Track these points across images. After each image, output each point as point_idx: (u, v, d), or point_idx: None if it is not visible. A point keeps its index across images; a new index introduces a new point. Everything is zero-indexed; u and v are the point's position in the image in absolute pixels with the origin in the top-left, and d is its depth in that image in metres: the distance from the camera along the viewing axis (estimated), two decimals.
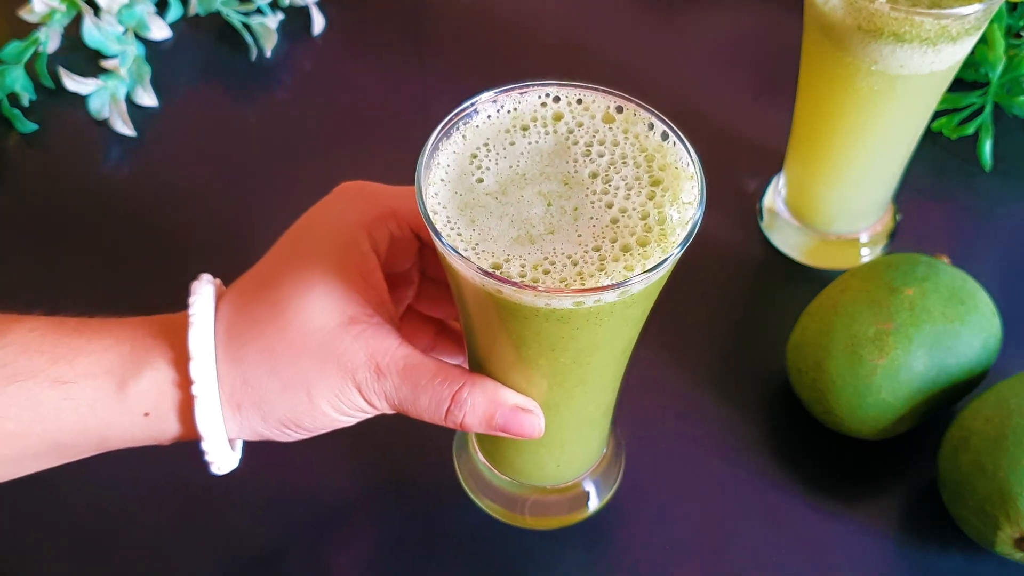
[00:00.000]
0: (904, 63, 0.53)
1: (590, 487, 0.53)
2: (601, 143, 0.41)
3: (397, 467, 0.55)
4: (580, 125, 0.42)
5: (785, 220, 0.67)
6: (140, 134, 0.73)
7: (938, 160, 0.72)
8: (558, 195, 0.40)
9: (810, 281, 0.65)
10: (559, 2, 0.83)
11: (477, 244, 0.38)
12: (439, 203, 0.39)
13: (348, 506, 0.54)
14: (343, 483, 0.55)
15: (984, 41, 0.69)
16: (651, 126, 0.42)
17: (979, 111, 0.72)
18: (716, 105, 0.75)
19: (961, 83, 0.72)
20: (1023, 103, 0.70)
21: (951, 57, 0.54)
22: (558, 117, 0.42)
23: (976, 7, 0.51)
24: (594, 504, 0.54)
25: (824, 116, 0.60)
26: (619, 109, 0.42)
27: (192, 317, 0.42)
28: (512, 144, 0.41)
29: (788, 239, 0.67)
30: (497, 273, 0.37)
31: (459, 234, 0.39)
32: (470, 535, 0.54)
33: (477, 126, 0.41)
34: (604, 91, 0.42)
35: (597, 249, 0.38)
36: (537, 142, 0.41)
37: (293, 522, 0.54)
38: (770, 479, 0.57)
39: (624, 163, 0.41)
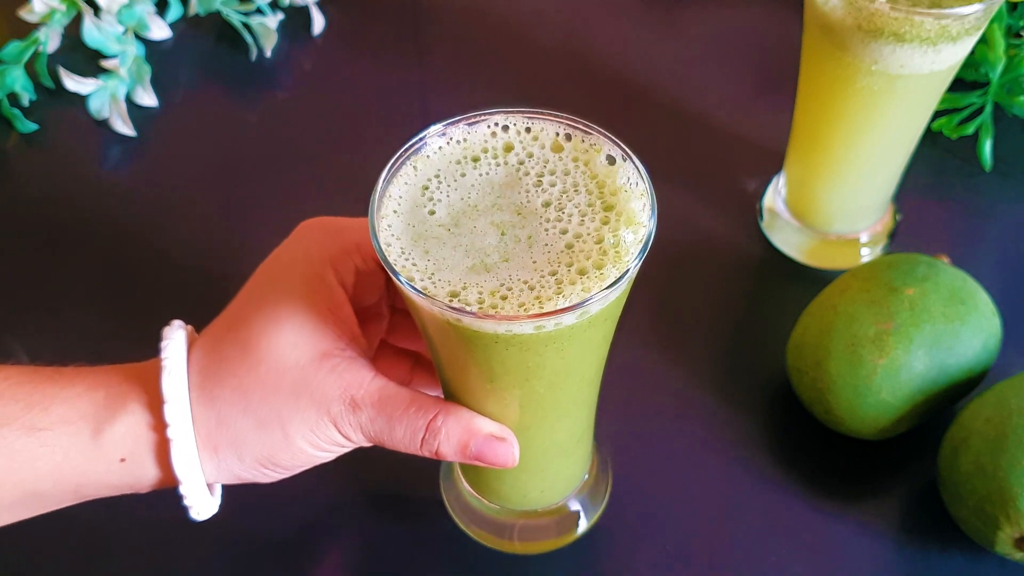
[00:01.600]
0: (904, 63, 0.53)
1: (577, 507, 0.53)
2: (552, 173, 0.41)
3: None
4: (530, 156, 0.42)
5: (785, 220, 0.67)
6: (140, 134, 0.73)
7: (938, 160, 0.72)
8: (511, 224, 0.40)
9: (810, 281, 0.65)
10: (559, 2, 0.83)
11: (433, 274, 0.38)
12: (392, 235, 0.39)
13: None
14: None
15: (984, 41, 0.69)
16: (599, 150, 0.42)
17: (979, 111, 0.72)
18: (716, 105, 0.75)
19: (961, 83, 0.72)
20: (1023, 103, 0.70)
21: (951, 57, 0.54)
22: (508, 148, 0.42)
23: (976, 7, 0.51)
24: (583, 525, 0.53)
25: (824, 116, 0.60)
26: (568, 137, 0.42)
27: (164, 361, 0.42)
28: (463, 176, 0.41)
29: (788, 239, 0.67)
30: (454, 302, 0.37)
31: (414, 264, 0.38)
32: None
33: (428, 156, 0.41)
34: (552, 117, 0.42)
35: (553, 274, 0.38)
36: (488, 174, 0.41)
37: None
38: (770, 479, 0.57)
39: (576, 191, 0.41)
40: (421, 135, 0.41)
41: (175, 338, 0.43)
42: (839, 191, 0.64)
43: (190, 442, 0.42)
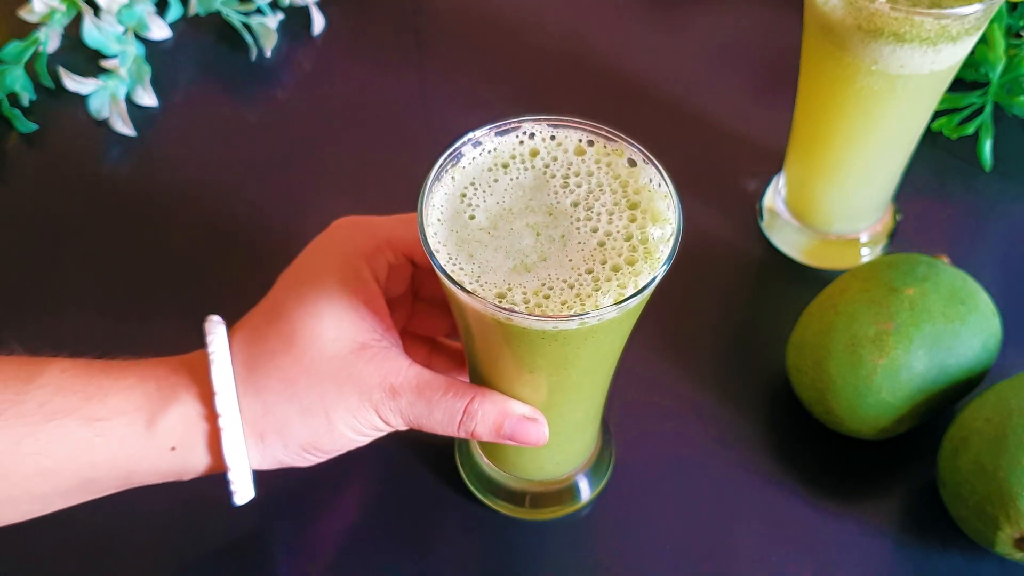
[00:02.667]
0: (904, 63, 0.53)
1: (582, 479, 0.55)
2: (577, 174, 0.44)
3: (401, 468, 0.55)
4: (555, 159, 0.45)
5: (785, 220, 0.67)
6: (140, 134, 0.73)
7: (938, 160, 0.72)
8: (545, 225, 0.43)
9: (810, 281, 0.65)
10: (559, 2, 0.83)
11: (479, 276, 0.41)
12: (439, 241, 0.42)
13: (353, 506, 0.55)
14: (347, 485, 0.55)
15: (984, 41, 0.69)
16: (620, 154, 0.44)
17: (979, 111, 0.72)
18: (716, 105, 0.75)
19: (961, 83, 0.72)
20: (1023, 103, 0.70)
21: (951, 57, 0.54)
22: (534, 153, 0.45)
23: (976, 7, 0.51)
24: (587, 494, 0.56)
25: (824, 116, 0.60)
26: (590, 142, 0.45)
27: (212, 355, 0.45)
28: (496, 181, 0.44)
29: (788, 239, 0.67)
30: (505, 304, 0.40)
31: (461, 268, 0.41)
32: (475, 528, 0.55)
33: (464, 167, 0.44)
34: (575, 124, 0.45)
35: (590, 271, 0.41)
36: (518, 178, 0.44)
37: (302, 518, 0.54)
38: (770, 479, 0.57)
39: (602, 191, 0.44)
40: (455, 147, 0.44)
41: (218, 332, 0.46)
42: (839, 191, 0.64)
43: (239, 430, 0.44)
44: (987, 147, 0.70)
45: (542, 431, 0.47)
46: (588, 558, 0.55)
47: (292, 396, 0.45)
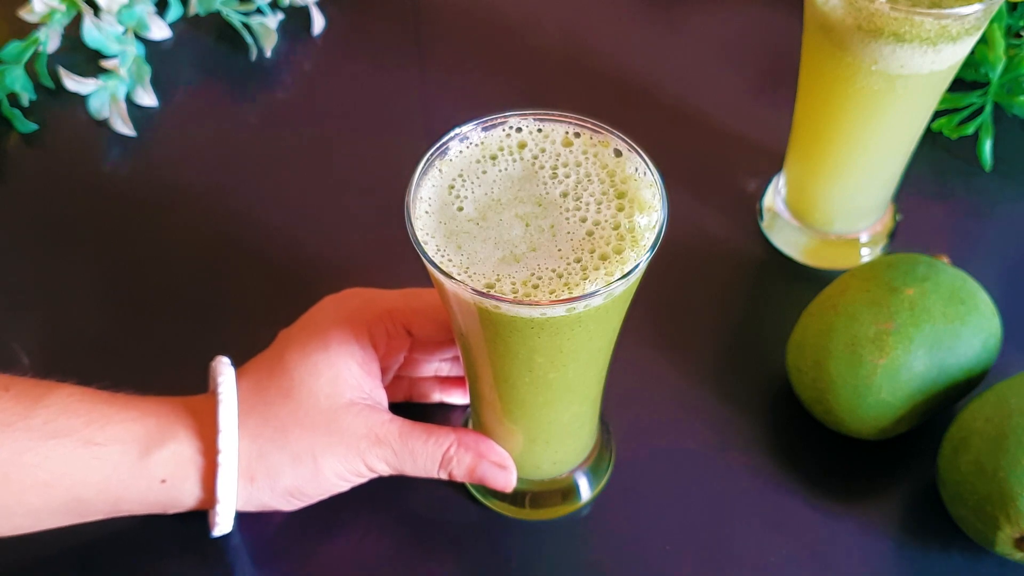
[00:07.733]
0: (904, 63, 0.53)
1: (582, 479, 0.55)
2: (565, 165, 0.45)
3: (401, 477, 0.55)
4: (543, 151, 0.45)
5: (785, 220, 0.67)
6: (140, 134, 0.73)
7: (938, 160, 0.72)
8: (534, 215, 0.43)
9: (810, 281, 0.65)
10: (559, 2, 0.83)
11: (468, 268, 0.42)
12: (427, 234, 0.42)
13: (357, 511, 0.55)
14: (346, 493, 0.54)
15: (984, 41, 0.69)
16: (607, 144, 0.45)
17: (979, 111, 0.72)
18: (716, 105, 0.75)
19: (961, 83, 0.72)
20: (1023, 103, 0.70)
21: (951, 57, 0.54)
22: (522, 145, 0.45)
23: (976, 7, 0.51)
24: (586, 494, 0.55)
25: (824, 116, 0.60)
26: (576, 134, 0.45)
27: (221, 395, 0.49)
28: (484, 173, 0.44)
29: (788, 239, 0.67)
30: (493, 292, 0.41)
31: (449, 260, 0.42)
32: (476, 529, 0.55)
33: (451, 160, 0.45)
34: (561, 118, 0.45)
35: (578, 260, 0.42)
36: (507, 169, 0.45)
37: (301, 518, 0.54)
38: (770, 479, 0.57)
39: (590, 181, 0.44)
40: (443, 141, 0.44)
41: (227, 374, 0.50)
42: (839, 191, 0.64)
43: (234, 468, 0.48)
44: (987, 147, 0.70)
45: (509, 478, 0.51)
46: (588, 558, 0.55)
47: (284, 445, 0.49)
